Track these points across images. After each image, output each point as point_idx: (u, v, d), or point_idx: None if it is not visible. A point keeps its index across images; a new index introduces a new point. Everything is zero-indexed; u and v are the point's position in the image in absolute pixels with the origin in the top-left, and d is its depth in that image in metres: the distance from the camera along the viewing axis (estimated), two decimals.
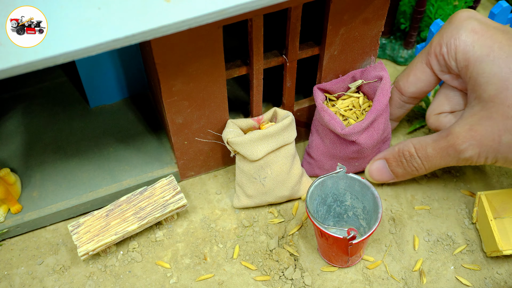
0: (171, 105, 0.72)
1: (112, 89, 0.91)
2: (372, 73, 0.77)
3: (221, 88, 0.74)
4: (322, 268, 0.76)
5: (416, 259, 0.77)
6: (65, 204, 0.80)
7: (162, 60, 0.66)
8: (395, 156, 0.77)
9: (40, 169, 0.84)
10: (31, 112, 0.92)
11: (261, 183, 0.78)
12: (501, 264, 0.76)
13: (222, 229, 0.81)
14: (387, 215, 0.81)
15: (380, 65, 0.77)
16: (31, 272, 0.77)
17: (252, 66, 0.73)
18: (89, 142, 0.87)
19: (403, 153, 0.75)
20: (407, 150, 0.75)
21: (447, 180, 0.85)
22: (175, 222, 0.81)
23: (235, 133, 0.76)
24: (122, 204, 0.78)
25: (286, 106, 0.82)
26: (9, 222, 0.78)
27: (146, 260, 0.78)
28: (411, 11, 0.95)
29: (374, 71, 0.77)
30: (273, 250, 0.78)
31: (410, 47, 0.99)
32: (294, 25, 0.70)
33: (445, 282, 0.75)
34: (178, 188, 0.79)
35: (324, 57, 0.76)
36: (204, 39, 0.66)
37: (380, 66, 0.77)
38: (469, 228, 0.80)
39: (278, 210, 0.83)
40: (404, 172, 0.77)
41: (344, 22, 0.72)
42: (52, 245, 0.79)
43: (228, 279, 0.76)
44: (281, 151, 0.77)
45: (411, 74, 0.76)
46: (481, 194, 0.77)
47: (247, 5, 0.56)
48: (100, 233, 0.76)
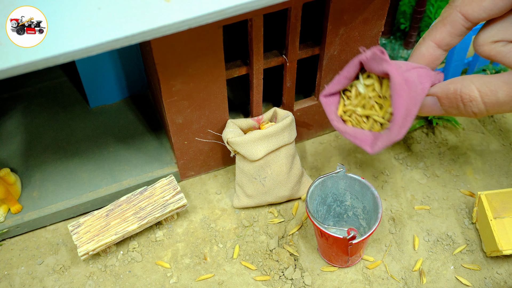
0: (171, 105, 0.72)
1: (112, 89, 0.91)
2: (374, 66, 0.61)
3: (221, 88, 0.74)
4: (322, 268, 0.76)
5: (416, 259, 0.77)
6: (65, 204, 0.80)
7: (162, 60, 0.66)
8: (449, 98, 0.63)
9: (40, 169, 0.84)
10: (31, 112, 0.92)
11: (261, 183, 0.78)
12: (501, 264, 0.76)
13: (222, 229, 0.81)
14: (387, 215, 0.81)
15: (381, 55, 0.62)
16: (31, 272, 0.77)
17: (252, 66, 0.73)
18: (89, 142, 0.87)
19: (462, 97, 0.62)
20: (467, 94, 0.61)
21: (447, 180, 0.85)
22: (175, 222, 0.81)
23: (235, 133, 0.76)
24: (122, 204, 0.78)
25: (286, 106, 0.82)
26: (9, 222, 0.78)
27: (146, 260, 0.78)
28: (411, 11, 0.95)
29: (376, 64, 0.61)
30: (273, 250, 0.78)
31: (410, 47, 0.99)
32: (294, 25, 0.70)
33: (445, 282, 0.75)
34: (178, 188, 0.79)
35: (324, 57, 0.76)
36: (204, 39, 0.66)
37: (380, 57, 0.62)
38: (469, 228, 0.80)
39: (278, 210, 0.83)
40: (458, 113, 0.64)
41: (344, 22, 0.72)
42: (52, 245, 0.79)
43: (228, 279, 0.76)
44: (281, 151, 0.77)
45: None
46: (481, 194, 0.77)
47: (247, 5, 0.56)
48: (100, 233, 0.76)
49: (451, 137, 0.90)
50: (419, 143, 0.89)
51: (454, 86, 0.61)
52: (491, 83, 0.59)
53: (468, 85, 0.61)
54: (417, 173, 0.86)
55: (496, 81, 0.59)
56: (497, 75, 0.59)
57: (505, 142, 0.89)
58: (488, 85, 0.60)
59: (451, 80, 0.62)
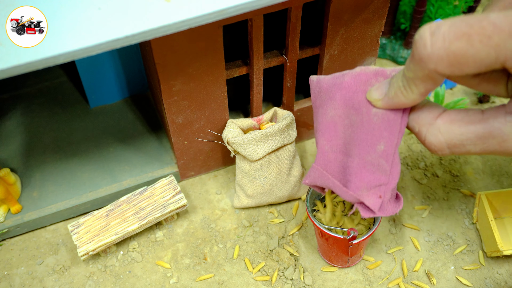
0: (171, 105, 0.72)
1: (112, 89, 0.91)
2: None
3: (221, 88, 0.74)
4: (322, 268, 0.76)
5: (416, 259, 0.77)
6: (65, 204, 0.80)
7: (162, 60, 0.66)
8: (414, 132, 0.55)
9: (40, 169, 0.84)
10: (31, 112, 0.92)
11: (261, 183, 0.78)
12: (501, 264, 0.76)
13: (222, 229, 0.81)
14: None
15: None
16: (31, 272, 0.77)
17: (252, 66, 0.73)
18: (89, 142, 0.87)
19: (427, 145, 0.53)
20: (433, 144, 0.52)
21: (447, 180, 0.85)
22: (175, 222, 0.81)
23: (235, 133, 0.76)
24: (122, 204, 0.78)
25: (286, 106, 0.82)
26: (9, 222, 0.78)
27: (146, 260, 0.78)
28: (411, 11, 0.95)
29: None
30: (273, 250, 0.78)
31: (410, 47, 0.99)
32: (294, 25, 0.70)
33: (445, 282, 0.75)
34: (178, 188, 0.79)
35: (324, 57, 0.76)
36: (204, 39, 0.66)
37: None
38: (469, 228, 0.80)
39: (278, 210, 0.82)
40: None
41: (344, 22, 0.72)
42: (52, 245, 0.79)
43: (228, 279, 0.76)
44: (281, 151, 0.77)
45: None
46: (481, 194, 0.77)
47: (247, 5, 0.56)
48: (100, 233, 0.75)
49: None
50: (419, 143, 0.89)
51: (419, 129, 0.53)
52: (462, 136, 0.50)
53: (435, 135, 0.52)
54: (417, 173, 0.86)
55: (468, 134, 0.50)
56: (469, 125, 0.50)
57: None
58: (459, 138, 0.51)
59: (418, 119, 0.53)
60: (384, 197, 0.56)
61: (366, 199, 0.55)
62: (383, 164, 0.55)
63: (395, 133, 0.54)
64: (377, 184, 0.55)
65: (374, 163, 0.55)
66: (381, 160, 0.55)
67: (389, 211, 0.57)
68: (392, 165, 0.55)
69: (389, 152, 0.54)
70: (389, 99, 0.53)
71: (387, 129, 0.54)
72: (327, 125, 0.58)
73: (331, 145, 0.58)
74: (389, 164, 0.55)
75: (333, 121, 0.58)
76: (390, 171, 0.55)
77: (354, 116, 0.56)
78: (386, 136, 0.54)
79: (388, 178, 0.55)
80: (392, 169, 0.55)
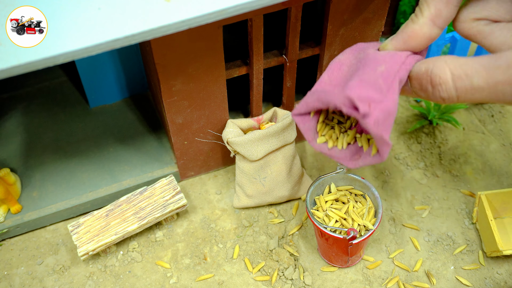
0: (171, 105, 0.72)
1: (112, 89, 0.91)
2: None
3: (221, 88, 0.74)
4: (322, 268, 0.76)
5: (416, 259, 0.77)
6: (65, 204, 0.80)
7: (162, 60, 0.66)
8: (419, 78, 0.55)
9: (40, 169, 0.84)
10: (31, 112, 0.92)
11: (261, 183, 0.78)
12: (501, 264, 0.76)
13: (222, 229, 0.81)
14: (387, 215, 0.81)
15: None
16: (31, 272, 0.77)
17: (252, 66, 0.73)
18: (89, 142, 0.87)
19: (432, 78, 0.54)
20: (438, 75, 0.53)
21: (447, 180, 0.85)
22: (175, 222, 0.81)
23: (235, 133, 0.76)
24: (122, 204, 0.78)
25: (286, 106, 0.82)
26: (9, 222, 0.78)
27: (146, 260, 0.78)
28: (411, 11, 0.95)
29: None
30: (273, 250, 0.78)
31: None
32: (294, 25, 0.70)
33: (445, 282, 0.75)
34: (178, 188, 0.79)
35: (324, 57, 0.76)
36: (204, 39, 0.66)
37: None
38: (469, 228, 0.80)
39: (278, 210, 0.82)
40: (426, 97, 0.57)
41: (344, 22, 0.72)
42: (52, 245, 0.79)
43: (228, 279, 0.76)
44: (281, 151, 0.77)
45: None
46: (481, 194, 0.77)
47: (247, 5, 0.56)
48: (100, 233, 0.75)
49: (451, 137, 0.90)
50: (419, 143, 0.89)
51: (426, 66, 0.54)
52: (467, 66, 0.51)
53: (441, 66, 0.52)
54: (417, 173, 0.86)
55: (474, 64, 0.51)
56: (475, 58, 0.51)
57: (505, 142, 0.89)
58: (464, 68, 0.51)
59: (426, 59, 0.55)
60: (374, 110, 0.51)
61: (355, 99, 0.51)
62: (380, 83, 0.52)
63: (398, 62, 0.52)
64: (369, 96, 0.51)
65: (371, 81, 0.52)
66: (379, 79, 0.52)
67: (380, 130, 0.52)
68: (389, 90, 0.52)
69: (389, 75, 0.52)
70: (398, 32, 0.55)
71: (391, 57, 0.53)
72: (333, 65, 0.57)
73: (331, 78, 0.56)
74: (387, 86, 0.52)
75: (340, 62, 0.57)
76: (386, 93, 0.52)
77: (362, 54, 0.55)
78: (388, 61, 0.53)
79: (382, 97, 0.51)
80: (389, 93, 0.52)
